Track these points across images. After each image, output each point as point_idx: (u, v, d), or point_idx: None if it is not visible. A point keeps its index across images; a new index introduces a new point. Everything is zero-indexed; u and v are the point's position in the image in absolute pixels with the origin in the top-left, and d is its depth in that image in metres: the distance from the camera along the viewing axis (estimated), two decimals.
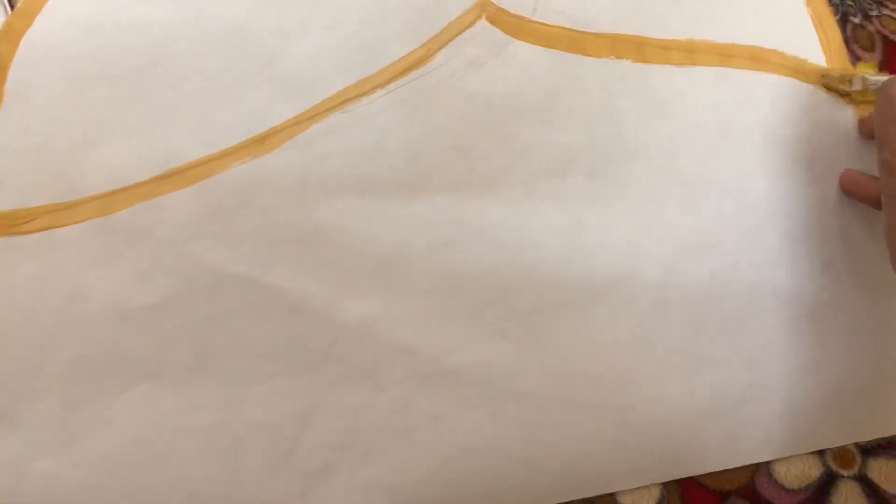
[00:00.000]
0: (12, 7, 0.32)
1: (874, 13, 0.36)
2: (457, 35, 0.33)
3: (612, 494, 0.29)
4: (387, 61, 0.33)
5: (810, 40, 0.35)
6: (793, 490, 0.30)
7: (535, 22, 0.34)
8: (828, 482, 0.30)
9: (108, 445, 0.28)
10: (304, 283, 0.30)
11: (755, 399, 0.31)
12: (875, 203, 0.31)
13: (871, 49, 0.36)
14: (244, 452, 0.28)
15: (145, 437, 0.28)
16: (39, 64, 0.32)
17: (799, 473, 0.30)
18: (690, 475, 0.30)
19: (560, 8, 0.34)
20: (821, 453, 0.31)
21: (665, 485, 0.30)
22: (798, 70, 0.34)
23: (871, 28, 0.36)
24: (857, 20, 0.36)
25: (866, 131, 0.33)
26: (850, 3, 0.36)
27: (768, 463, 0.30)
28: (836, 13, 0.36)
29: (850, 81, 0.33)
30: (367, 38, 0.33)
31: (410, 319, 0.30)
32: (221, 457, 0.28)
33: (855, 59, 0.35)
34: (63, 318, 0.29)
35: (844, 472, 0.31)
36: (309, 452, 0.29)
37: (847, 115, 0.34)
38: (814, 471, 0.31)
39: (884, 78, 0.31)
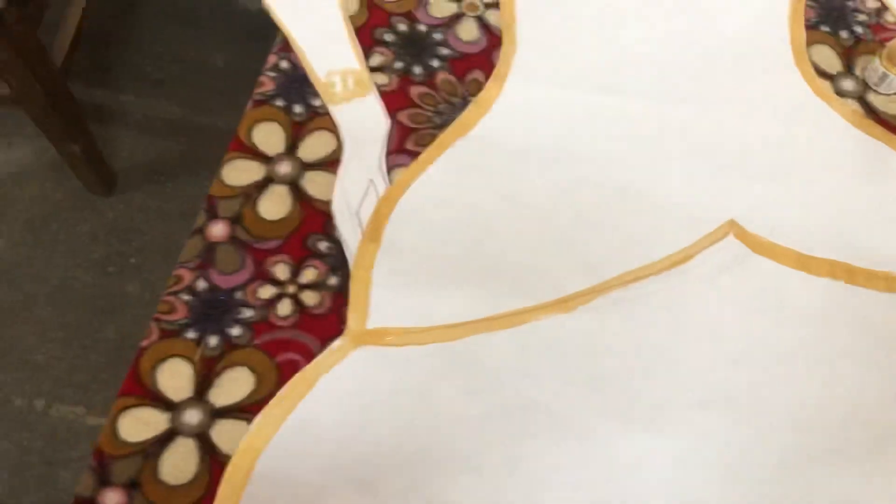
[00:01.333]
0: (390, 181, 0.45)
1: None
2: (710, 245, 0.44)
3: None
4: (658, 257, 0.43)
5: None
6: None
7: (771, 243, 0.44)
8: None
9: None
10: (589, 418, 0.39)
11: None
12: None
13: None
14: None
15: None
16: (406, 227, 0.43)
17: None
18: None
19: (790, 235, 0.45)
20: None
21: None
22: None
23: None
24: None
25: None
26: None
27: None
28: None
29: None
30: (642, 238, 0.44)
31: (669, 461, 0.38)
32: None
33: None
34: (412, 415, 0.38)
35: None
36: None
37: None
38: None
39: None
